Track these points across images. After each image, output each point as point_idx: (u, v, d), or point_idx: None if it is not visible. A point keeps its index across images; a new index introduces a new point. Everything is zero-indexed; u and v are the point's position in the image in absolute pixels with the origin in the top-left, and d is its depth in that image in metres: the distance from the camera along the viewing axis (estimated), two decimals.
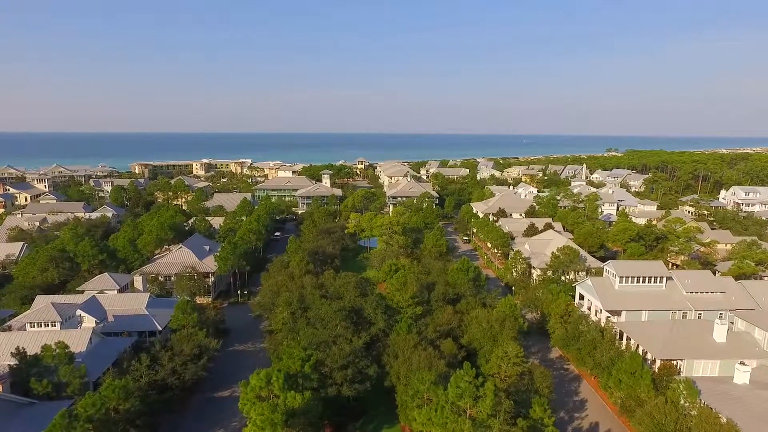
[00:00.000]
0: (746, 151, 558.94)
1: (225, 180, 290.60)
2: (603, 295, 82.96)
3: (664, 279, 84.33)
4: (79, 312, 69.99)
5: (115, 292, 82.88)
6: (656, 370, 63.78)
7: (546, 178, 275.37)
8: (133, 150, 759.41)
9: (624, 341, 74.34)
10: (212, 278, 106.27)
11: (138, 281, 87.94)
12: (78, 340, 60.56)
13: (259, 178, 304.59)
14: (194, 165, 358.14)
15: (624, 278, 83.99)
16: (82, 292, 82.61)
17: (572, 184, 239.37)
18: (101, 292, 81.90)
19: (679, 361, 65.04)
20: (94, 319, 71.15)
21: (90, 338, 61.61)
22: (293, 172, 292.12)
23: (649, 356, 68.03)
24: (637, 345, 71.54)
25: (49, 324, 64.31)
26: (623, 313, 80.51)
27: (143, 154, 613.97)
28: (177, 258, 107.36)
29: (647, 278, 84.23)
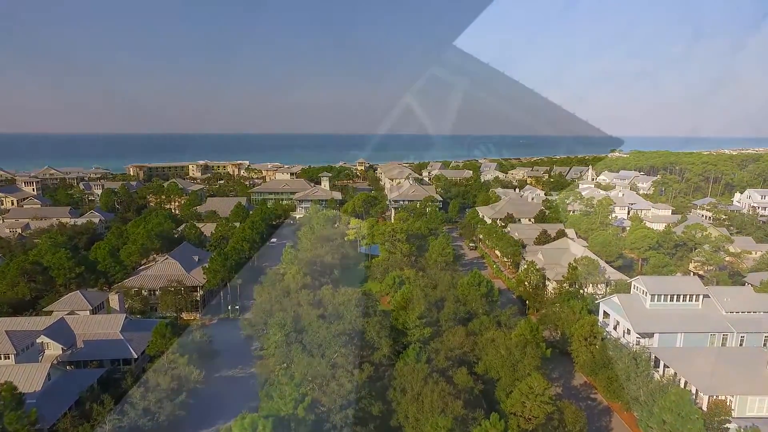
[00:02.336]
0: (751, 151, 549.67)
1: (222, 182, 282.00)
2: (633, 314, 74.32)
3: (701, 297, 75.64)
4: (41, 339, 61.42)
5: (88, 312, 74.06)
6: (704, 409, 55.28)
7: (552, 180, 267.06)
8: (130, 151, 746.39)
9: (661, 369, 65.81)
10: (201, 292, 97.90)
11: (114, 300, 79.18)
12: (33, 376, 51.86)
13: (256, 180, 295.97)
14: (190, 167, 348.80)
15: (656, 296, 75.29)
16: (50, 313, 73.78)
17: (580, 186, 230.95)
18: (72, 312, 73.16)
19: (729, 397, 56.48)
20: (61, 347, 62.68)
21: (48, 373, 52.94)
22: (291, 174, 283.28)
23: (691, 388, 59.53)
24: (675, 373, 63.12)
25: (2, 356, 55.51)
26: (656, 335, 71.91)
27: (140, 155, 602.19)
28: (162, 270, 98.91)
29: (682, 296, 75.56)
